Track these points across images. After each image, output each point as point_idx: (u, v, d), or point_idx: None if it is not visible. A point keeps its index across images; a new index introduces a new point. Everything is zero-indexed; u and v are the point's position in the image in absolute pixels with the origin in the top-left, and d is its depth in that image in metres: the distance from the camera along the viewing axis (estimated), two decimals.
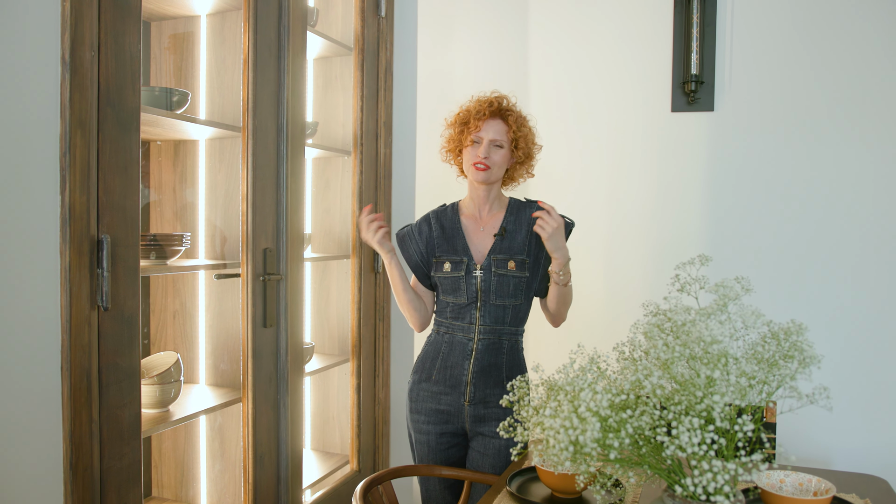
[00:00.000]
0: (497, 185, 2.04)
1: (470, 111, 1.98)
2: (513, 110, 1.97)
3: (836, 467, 2.44)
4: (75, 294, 1.45)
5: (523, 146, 1.98)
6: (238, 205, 2.07)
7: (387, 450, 2.82)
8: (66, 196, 1.43)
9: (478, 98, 2.00)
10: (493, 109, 1.95)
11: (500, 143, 1.96)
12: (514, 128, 1.95)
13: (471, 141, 1.97)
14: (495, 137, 1.95)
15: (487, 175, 1.96)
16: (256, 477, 2.05)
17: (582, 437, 1.06)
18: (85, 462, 1.48)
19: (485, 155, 1.94)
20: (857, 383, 2.42)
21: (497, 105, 1.96)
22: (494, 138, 1.95)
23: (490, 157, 1.94)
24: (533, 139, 2.02)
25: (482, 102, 1.97)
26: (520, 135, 1.96)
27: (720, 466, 1.03)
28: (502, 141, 1.95)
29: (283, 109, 2.12)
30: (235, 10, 2.06)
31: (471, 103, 2.01)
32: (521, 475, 1.73)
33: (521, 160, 2.01)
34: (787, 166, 2.48)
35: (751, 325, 1.19)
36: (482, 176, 1.96)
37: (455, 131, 2.02)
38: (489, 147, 1.94)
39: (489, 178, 1.97)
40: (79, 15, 1.43)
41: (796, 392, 1.18)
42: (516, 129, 1.95)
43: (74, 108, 1.43)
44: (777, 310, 2.47)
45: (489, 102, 1.96)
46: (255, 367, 2.03)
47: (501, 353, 1.97)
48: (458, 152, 2.04)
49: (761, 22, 2.50)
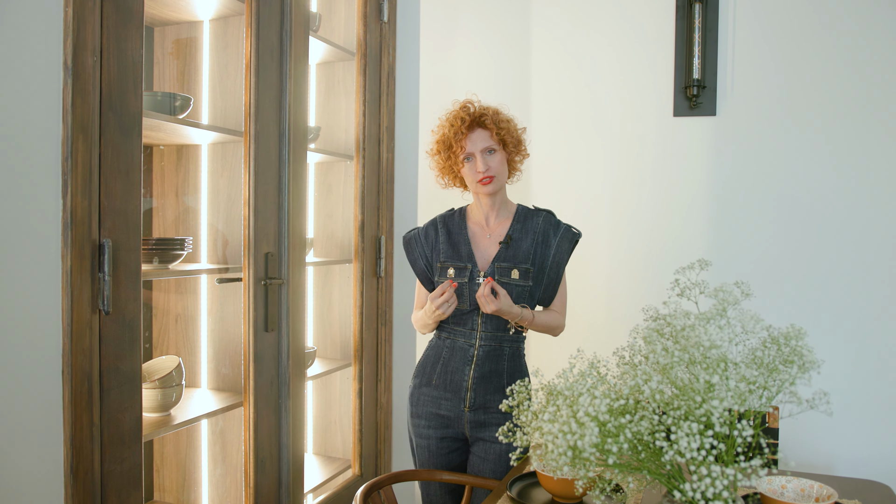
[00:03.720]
0: (502, 191, 2.04)
1: (447, 135, 1.98)
2: (486, 112, 1.97)
3: (838, 473, 2.43)
4: (76, 298, 1.45)
5: (510, 139, 1.98)
6: (240, 209, 2.07)
7: (388, 454, 2.82)
8: (68, 200, 1.43)
9: (447, 118, 2.00)
10: (469, 122, 1.96)
11: (491, 149, 1.96)
12: (494, 129, 1.95)
13: (463, 161, 1.98)
14: (484, 146, 1.95)
15: (496, 183, 1.97)
16: (258, 481, 2.05)
17: (580, 442, 1.06)
18: (86, 466, 1.48)
19: (484, 168, 1.94)
20: (860, 388, 2.41)
21: (469, 117, 1.96)
22: (484, 147, 1.95)
23: (490, 167, 1.95)
24: (515, 126, 2.01)
25: (454, 120, 1.97)
26: (503, 130, 1.96)
27: (719, 472, 1.02)
28: (492, 145, 1.96)
29: (286, 114, 2.12)
30: (238, 15, 2.07)
31: (444, 126, 2.00)
32: (521, 480, 1.72)
33: (514, 151, 2.02)
34: (788, 171, 2.48)
35: (750, 330, 1.19)
36: (490, 188, 1.97)
37: (442, 157, 2.03)
38: (484, 158, 1.95)
39: (498, 185, 1.98)
40: (81, 20, 1.44)
41: (796, 397, 1.17)
42: (497, 128, 1.95)
43: (76, 113, 1.44)
44: (779, 315, 2.46)
45: (461, 119, 1.96)
46: (256, 371, 2.03)
47: (502, 359, 1.97)
48: (455, 174, 2.05)
49: (763, 26, 2.50)
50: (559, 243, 2.00)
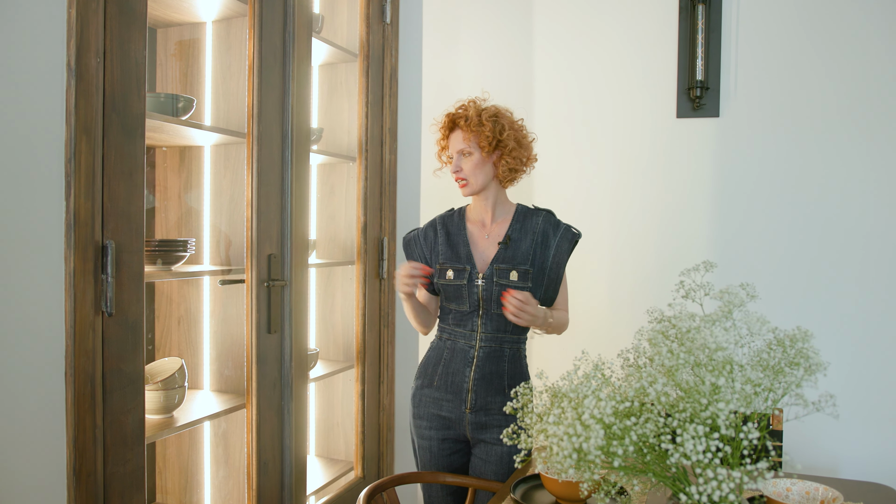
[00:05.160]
0: (492, 192, 2.02)
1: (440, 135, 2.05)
2: (467, 115, 1.96)
3: (843, 475, 2.42)
4: (79, 300, 1.45)
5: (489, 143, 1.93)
6: (243, 211, 2.07)
7: (391, 456, 2.81)
8: (71, 202, 1.43)
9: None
10: (449, 124, 2.00)
11: (466, 151, 1.96)
12: (468, 132, 1.94)
13: (448, 161, 2.04)
14: (460, 148, 1.97)
15: (468, 187, 1.99)
16: (260, 483, 2.04)
17: (585, 444, 1.06)
18: (88, 468, 1.48)
19: (455, 168, 1.98)
20: (865, 391, 2.40)
21: (450, 119, 2.00)
22: (460, 149, 1.97)
23: (462, 169, 1.97)
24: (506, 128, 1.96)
25: (444, 121, 2.02)
26: (478, 134, 1.94)
27: (725, 475, 1.02)
28: (467, 148, 1.96)
29: (288, 115, 2.12)
30: (241, 16, 2.07)
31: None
32: (525, 482, 1.72)
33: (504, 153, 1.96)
34: (792, 172, 2.47)
35: (756, 332, 1.18)
36: (464, 190, 2.00)
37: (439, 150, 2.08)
38: (458, 159, 1.98)
39: (473, 189, 1.99)
40: (84, 22, 1.44)
41: (802, 400, 1.17)
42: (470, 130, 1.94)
43: (80, 115, 1.44)
44: (784, 316, 2.46)
45: (444, 121, 2.02)
46: (259, 373, 2.03)
47: (503, 361, 1.96)
48: None
49: (766, 27, 2.49)
50: (559, 243, 2.00)
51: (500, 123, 1.96)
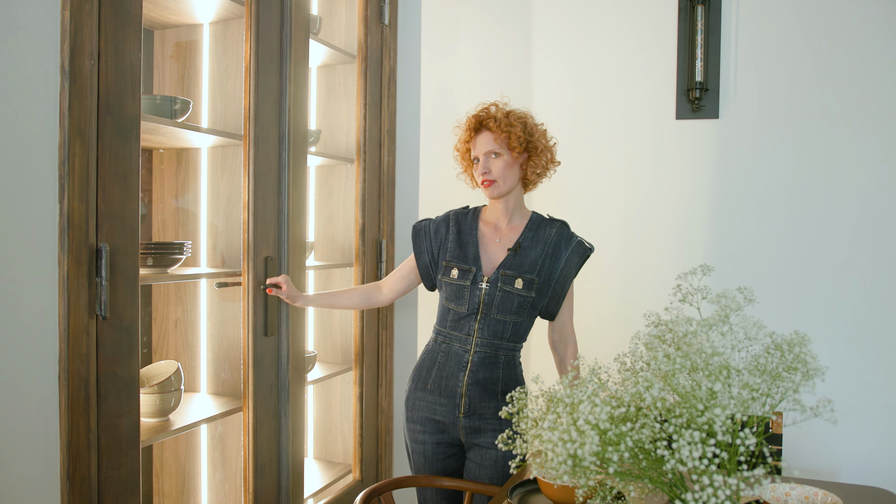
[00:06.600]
0: (514, 196, 2.01)
1: (462, 137, 2.03)
2: (496, 115, 1.95)
3: (842, 480, 2.40)
4: (73, 303, 1.44)
5: (520, 144, 1.93)
6: (239, 213, 2.06)
7: (389, 459, 2.81)
8: (65, 204, 1.42)
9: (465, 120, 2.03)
10: (476, 125, 1.98)
11: (496, 152, 1.95)
12: (498, 133, 1.93)
13: (473, 163, 2.01)
14: (488, 149, 1.95)
15: (496, 188, 1.95)
16: (257, 486, 2.03)
17: (580, 450, 1.05)
18: (82, 472, 1.47)
19: (484, 170, 1.95)
20: (864, 395, 2.39)
21: (477, 120, 1.98)
22: (488, 150, 1.95)
23: (491, 171, 1.94)
24: (532, 130, 1.96)
25: (470, 122, 2.00)
26: (510, 134, 1.93)
27: (721, 481, 1.01)
28: (497, 149, 1.94)
29: (285, 117, 2.11)
30: (237, 18, 2.06)
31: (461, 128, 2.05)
32: (522, 487, 1.71)
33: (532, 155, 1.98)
34: (792, 174, 2.46)
35: (753, 337, 1.17)
36: (492, 191, 1.96)
37: (462, 160, 2.07)
38: (486, 161, 1.95)
39: (501, 190, 1.96)
40: (78, 24, 1.43)
41: (800, 405, 1.15)
42: (502, 131, 1.93)
43: (74, 117, 1.43)
44: (783, 321, 2.44)
45: (469, 121, 1.99)
46: (255, 375, 2.02)
47: (497, 367, 1.95)
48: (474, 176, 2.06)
49: (766, 29, 2.48)
50: (569, 257, 1.98)
51: (529, 125, 1.97)
